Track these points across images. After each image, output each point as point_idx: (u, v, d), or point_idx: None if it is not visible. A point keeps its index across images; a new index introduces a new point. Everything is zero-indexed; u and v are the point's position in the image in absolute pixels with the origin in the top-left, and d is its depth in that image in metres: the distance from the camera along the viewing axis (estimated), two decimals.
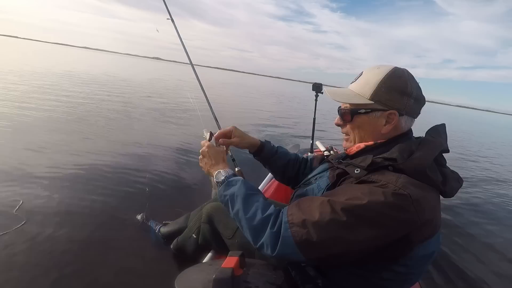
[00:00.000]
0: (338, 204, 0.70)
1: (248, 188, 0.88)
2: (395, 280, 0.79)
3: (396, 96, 0.82)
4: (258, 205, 0.83)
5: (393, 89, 0.82)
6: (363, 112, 0.85)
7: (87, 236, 1.81)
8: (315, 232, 0.70)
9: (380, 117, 0.84)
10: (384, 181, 0.72)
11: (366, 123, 0.86)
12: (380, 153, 0.81)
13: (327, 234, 0.70)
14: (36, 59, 21.48)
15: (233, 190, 0.88)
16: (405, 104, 0.83)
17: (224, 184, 0.92)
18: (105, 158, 3.11)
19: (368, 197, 0.69)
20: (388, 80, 0.83)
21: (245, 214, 0.82)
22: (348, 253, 0.71)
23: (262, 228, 0.77)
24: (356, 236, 0.69)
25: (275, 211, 0.80)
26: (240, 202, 0.85)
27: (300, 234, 0.71)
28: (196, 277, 0.87)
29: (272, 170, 1.32)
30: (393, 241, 0.70)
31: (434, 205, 0.75)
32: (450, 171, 0.84)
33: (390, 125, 0.84)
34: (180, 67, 64.57)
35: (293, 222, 0.73)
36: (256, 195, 0.87)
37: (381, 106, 0.83)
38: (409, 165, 0.74)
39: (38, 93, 6.50)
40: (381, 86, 0.83)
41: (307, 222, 0.71)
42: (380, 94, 0.83)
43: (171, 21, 1.96)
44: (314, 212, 0.72)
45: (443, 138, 0.85)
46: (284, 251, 0.73)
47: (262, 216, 0.79)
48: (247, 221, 0.81)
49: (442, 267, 2.07)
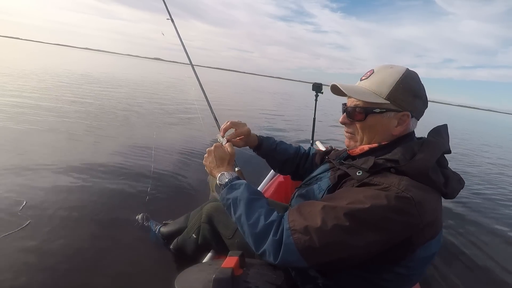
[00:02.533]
0: (340, 209, 0.69)
1: (251, 193, 0.87)
2: (396, 281, 0.78)
3: (411, 97, 0.82)
4: (261, 211, 0.81)
5: (409, 91, 0.82)
6: (378, 112, 0.83)
7: (88, 236, 1.81)
8: (317, 238, 0.69)
9: (393, 118, 0.83)
10: (387, 183, 0.71)
11: (379, 123, 0.84)
12: (382, 154, 0.81)
13: (330, 240, 0.69)
14: (40, 60, 21.51)
15: (236, 194, 0.87)
16: (416, 106, 0.83)
17: (227, 187, 0.91)
18: (106, 159, 3.12)
19: (370, 200, 0.68)
20: (404, 81, 0.82)
21: (247, 220, 0.81)
22: (351, 257, 0.71)
23: (264, 235, 0.76)
24: (359, 241, 0.68)
25: (278, 218, 0.79)
26: (243, 207, 0.83)
27: (303, 240, 0.70)
28: (196, 277, 0.87)
29: (270, 164, 1.37)
30: (396, 244, 0.70)
31: (435, 206, 0.74)
32: (452, 172, 0.84)
33: (401, 127, 0.83)
34: (180, 67, 64.63)
35: (295, 228, 0.72)
36: (259, 200, 0.86)
37: (395, 106, 0.82)
38: (412, 167, 0.73)
39: (39, 93, 6.52)
40: (398, 87, 0.81)
41: (309, 228, 0.70)
42: (396, 95, 0.81)
43: (171, 21, 1.96)
44: (316, 218, 0.71)
45: (445, 139, 0.84)
46: (287, 259, 0.72)
47: (264, 223, 0.78)
48: (249, 227, 0.80)
49: (443, 267, 2.06)
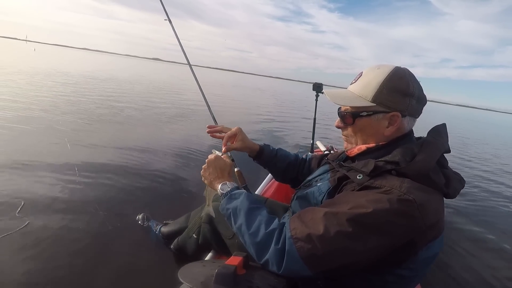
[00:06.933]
0: (342, 215, 0.68)
1: (251, 202, 0.86)
2: (398, 283, 0.78)
3: (398, 97, 0.80)
4: (261, 219, 0.81)
5: (395, 90, 0.80)
6: (365, 115, 0.83)
7: (88, 236, 1.81)
8: (321, 246, 0.68)
9: (383, 119, 0.82)
10: (388, 186, 0.71)
11: (368, 125, 0.84)
12: (382, 155, 0.80)
13: (333, 247, 0.68)
14: (40, 61, 21.48)
15: (235, 204, 0.87)
16: (408, 105, 0.81)
17: (227, 197, 0.91)
18: (105, 159, 3.11)
19: (373, 204, 0.67)
20: (390, 81, 0.81)
21: (248, 229, 0.80)
22: (355, 263, 0.70)
23: (266, 244, 0.76)
24: (363, 246, 0.67)
25: (279, 226, 0.78)
26: (243, 216, 0.83)
27: (306, 249, 0.69)
28: (199, 270, 0.88)
29: (272, 172, 1.33)
30: (399, 247, 0.69)
31: (437, 208, 0.74)
32: (453, 172, 0.83)
33: (393, 127, 0.82)
34: (180, 67, 64.60)
35: (297, 237, 0.71)
36: (259, 209, 0.85)
37: (383, 108, 0.81)
38: (412, 168, 0.73)
39: (35, 91, 6.52)
40: (382, 88, 0.81)
41: (312, 236, 0.69)
42: (382, 96, 0.81)
43: (169, 22, 1.96)
44: (318, 225, 0.70)
45: (444, 139, 0.83)
46: (291, 268, 0.71)
47: (265, 232, 0.77)
48: (250, 236, 0.79)
49: (443, 268, 2.07)
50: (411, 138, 0.86)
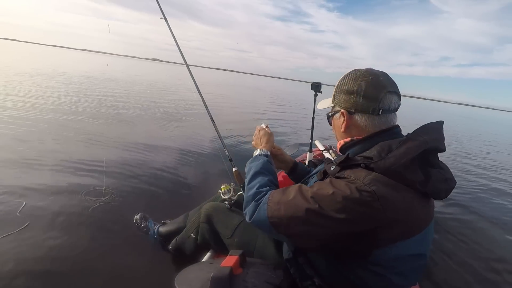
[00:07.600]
0: (310, 192, 0.80)
1: (263, 168, 1.05)
2: (377, 281, 0.79)
3: (344, 96, 0.89)
4: (260, 181, 0.98)
5: (343, 90, 0.90)
6: (331, 115, 0.98)
7: (87, 236, 1.81)
8: (284, 210, 0.81)
9: (340, 117, 0.92)
10: (354, 177, 0.76)
11: (336, 124, 0.96)
12: (362, 150, 0.85)
13: (294, 214, 0.79)
14: (40, 62, 21.50)
15: (253, 164, 1.08)
16: (353, 102, 0.87)
17: (252, 158, 1.13)
18: (104, 158, 3.11)
19: (335, 190, 0.75)
20: (342, 82, 0.91)
21: (247, 184, 0.99)
22: (314, 235, 0.78)
23: (251, 199, 0.92)
24: (320, 221, 0.75)
25: (266, 190, 0.93)
26: (251, 174, 1.03)
27: (273, 209, 0.84)
28: (195, 275, 0.88)
29: None
30: (358, 235, 0.73)
31: (408, 205, 0.74)
32: (438, 171, 0.81)
33: (344, 124, 0.91)
34: (180, 67, 64.73)
35: (271, 200, 0.86)
36: (264, 174, 1.01)
37: (338, 107, 0.93)
38: (382, 164, 0.75)
39: (41, 91, 6.52)
40: (336, 89, 0.93)
41: (281, 202, 0.84)
42: (336, 97, 0.93)
43: (165, 20, 1.95)
44: (289, 196, 0.83)
45: (433, 136, 0.80)
46: (258, 221, 0.87)
47: (256, 190, 0.94)
48: (246, 190, 0.97)
49: (443, 268, 2.07)
50: (394, 134, 0.86)
